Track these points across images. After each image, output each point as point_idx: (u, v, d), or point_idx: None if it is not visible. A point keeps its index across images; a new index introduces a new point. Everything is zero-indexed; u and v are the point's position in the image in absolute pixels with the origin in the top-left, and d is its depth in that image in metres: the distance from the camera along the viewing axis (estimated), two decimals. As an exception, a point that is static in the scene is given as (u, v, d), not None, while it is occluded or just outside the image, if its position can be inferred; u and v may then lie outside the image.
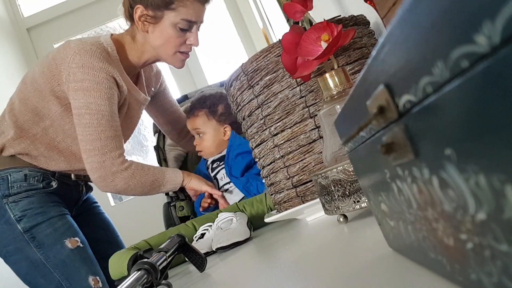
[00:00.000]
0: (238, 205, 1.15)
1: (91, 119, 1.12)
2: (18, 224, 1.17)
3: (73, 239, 1.21)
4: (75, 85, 1.12)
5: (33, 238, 1.18)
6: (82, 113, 1.13)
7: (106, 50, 1.18)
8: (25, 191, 1.20)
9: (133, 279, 0.52)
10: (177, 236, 0.74)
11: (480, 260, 0.17)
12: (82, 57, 1.12)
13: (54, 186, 1.25)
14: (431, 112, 0.17)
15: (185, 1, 1.16)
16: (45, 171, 1.24)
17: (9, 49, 2.56)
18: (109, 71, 1.14)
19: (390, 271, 0.31)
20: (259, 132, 0.84)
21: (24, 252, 1.18)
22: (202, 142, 1.41)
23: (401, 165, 0.23)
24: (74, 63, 1.12)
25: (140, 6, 1.17)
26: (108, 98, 1.13)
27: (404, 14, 0.17)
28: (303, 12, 0.69)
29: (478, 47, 0.13)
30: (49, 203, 1.22)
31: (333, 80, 0.63)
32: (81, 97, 1.12)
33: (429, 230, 0.22)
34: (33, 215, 1.19)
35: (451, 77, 0.15)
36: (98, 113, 1.12)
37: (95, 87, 1.12)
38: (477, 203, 0.16)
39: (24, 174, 1.21)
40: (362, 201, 0.55)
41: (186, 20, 1.18)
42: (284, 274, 0.46)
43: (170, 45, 1.21)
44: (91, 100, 1.12)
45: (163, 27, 1.19)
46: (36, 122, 1.20)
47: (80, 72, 1.11)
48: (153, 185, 1.24)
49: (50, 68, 1.15)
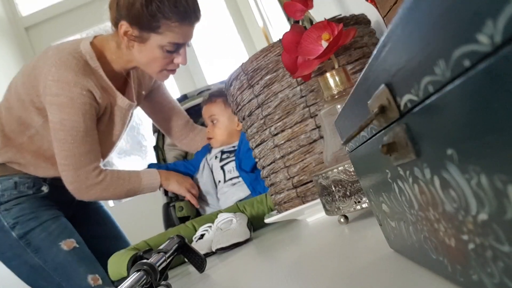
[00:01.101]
0: (238, 205, 1.15)
1: (65, 135, 1.13)
2: (12, 231, 1.19)
3: (68, 241, 1.22)
4: (51, 99, 1.12)
5: (29, 244, 1.19)
6: (57, 128, 1.13)
7: (84, 59, 1.15)
8: (16, 198, 1.21)
9: (132, 280, 0.52)
10: (176, 236, 0.74)
11: (482, 261, 0.17)
12: (58, 70, 1.11)
13: (45, 191, 1.26)
14: (433, 111, 0.17)
15: (172, 27, 1.12)
16: (35, 177, 1.25)
17: (7, 49, 2.56)
18: (84, 85, 1.12)
19: (391, 272, 0.31)
20: (259, 132, 0.84)
21: (22, 258, 1.20)
22: (215, 128, 1.41)
23: (403, 165, 0.23)
24: (50, 75, 1.11)
25: (124, 23, 1.12)
26: (82, 114, 1.13)
27: (406, 13, 0.17)
28: (303, 11, 0.69)
29: (480, 46, 0.13)
30: (41, 208, 1.23)
31: (334, 80, 0.63)
32: (56, 112, 1.12)
33: (431, 230, 0.22)
34: (26, 221, 1.20)
35: (452, 77, 0.15)
36: (72, 129, 1.13)
37: (69, 103, 1.11)
38: (478, 203, 0.16)
39: (14, 182, 1.22)
40: (363, 201, 0.55)
41: (173, 43, 1.15)
42: (284, 275, 0.46)
43: (156, 64, 1.19)
44: (65, 117, 1.12)
45: (149, 48, 1.15)
46: (22, 131, 1.20)
47: (55, 86, 1.10)
48: (129, 192, 1.27)
49: (29, 78, 1.15)
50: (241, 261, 0.71)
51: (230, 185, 1.37)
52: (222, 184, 1.38)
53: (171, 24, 1.11)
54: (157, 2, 1.08)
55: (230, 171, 1.39)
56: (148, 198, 2.50)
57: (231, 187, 1.36)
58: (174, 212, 1.45)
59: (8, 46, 2.59)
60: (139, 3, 1.08)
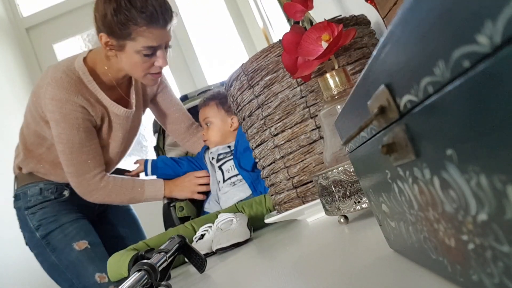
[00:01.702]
0: (237, 206, 1.15)
1: (63, 147, 1.25)
2: (36, 232, 1.37)
3: (81, 242, 1.35)
4: (49, 115, 1.24)
5: (49, 244, 1.36)
6: (56, 141, 1.26)
7: (76, 75, 1.24)
8: (40, 203, 1.38)
9: (132, 280, 0.52)
10: (177, 236, 0.74)
11: (482, 261, 0.17)
12: (53, 89, 1.21)
13: (66, 195, 1.41)
14: (432, 112, 0.17)
15: (142, 32, 1.17)
16: (58, 183, 1.40)
17: (8, 49, 2.57)
18: (75, 102, 1.22)
19: (391, 272, 0.31)
20: (259, 132, 0.84)
21: (43, 255, 1.37)
22: (209, 131, 1.45)
23: (402, 166, 0.23)
24: (47, 94, 1.22)
25: (103, 35, 1.19)
26: (76, 128, 1.24)
27: (405, 14, 0.17)
28: (303, 11, 0.69)
29: (480, 47, 0.13)
30: (61, 212, 1.38)
31: (334, 80, 0.63)
32: (54, 127, 1.24)
33: (430, 231, 0.22)
34: (47, 223, 1.36)
35: (452, 77, 0.15)
36: (68, 142, 1.25)
37: (62, 119, 1.22)
38: (478, 203, 0.16)
39: (40, 188, 1.38)
40: (362, 201, 0.55)
41: (148, 47, 1.19)
42: (284, 275, 0.46)
43: (138, 69, 1.24)
44: (60, 131, 1.24)
45: (128, 54, 1.21)
46: (40, 143, 1.35)
47: (50, 104, 1.22)
48: (132, 200, 1.38)
49: (35, 96, 1.28)
50: (241, 261, 0.71)
51: (230, 185, 1.37)
52: (222, 184, 1.39)
53: (140, 29, 1.16)
54: (124, 10, 1.14)
55: (228, 170, 1.40)
56: (148, 199, 2.50)
57: (231, 187, 1.37)
58: (174, 212, 1.45)
59: (9, 47, 2.59)
60: (110, 14, 1.15)
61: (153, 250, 0.83)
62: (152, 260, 0.60)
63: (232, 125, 1.44)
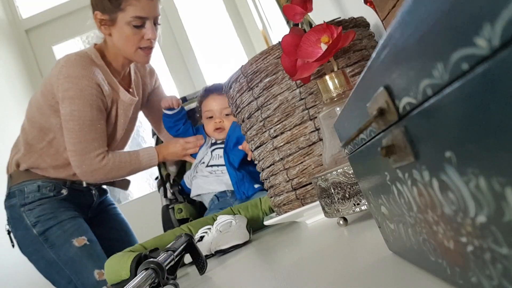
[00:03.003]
0: (232, 209, 1.15)
1: (74, 124, 1.28)
2: (33, 229, 1.35)
3: (80, 238, 1.35)
4: (62, 95, 1.26)
5: (46, 240, 1.34)
6: (67, 119, 1.28)
7: (90, 57, 1.31)
8: (38, 200, 1.37)
9: (140, 278, 0.52)
10: (185, 235, 0.74)
11: (481, 263, 0.17)
12: (68, 69, 1.26)
13: (64, 193, 1.41)
14: (431, 114, 0.17)
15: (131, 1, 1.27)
16: (57, 181, 1.40)
17: (7, 51, 2.56)
18: (91, 78, 1.27)
19: (390, 274, 0.31)
20: (258, 134, 0.84)
21: (40, 252, 1.35)
22: (226, 121, 1.45)
23: (401, 168, 0.23)
24: (61, 75, 1.26)
25: (98, 12, 1.30)
26: (90, 105, 1.27)
27: (404, 16, 0.17)
28: (302, 14, 0.69)
29: (478, 49, 0.13)
30: (60, 209, 1.38)
31: (333, 82, 0.63)
32: (66, 105, 1.27)
33: (429, 233, 0.22)
34: (46, 220, 1.35)
35: (451, 80, 0.15)
36: (80, 119, 1.27)
37: (78, 94, 1.25)
38: (477, 206, 0.16)
39: (38, 185, 1.38)
40: (362, 203, 0.55)
41: (137, 17, 1.28)
42: (284, 277, 0.46)
43: (129, 43, 1.31)
44: (74, 108, 1.26)
45: (119, 27, 1.30)
46: (41, 137, 1.36)
47: (66, 82, 1.26)
48: (131, 173, 1.42)
49: (45, 85, 1.31)
50: (240, 263, 0.71)
51: (210, 172, 1.39)
52: (203, 167, 1.40)
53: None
54: None
55: (216, 157, 1.42)
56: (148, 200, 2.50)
57: (209, 174, 1.39)
58: (173, 214, 1.45)
59: (9, 48, 2.59)
60: None
61: (157, 250, 0.82)
62: (159, 259, 0.60)
63: None
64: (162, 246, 0.94)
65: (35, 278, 1.48)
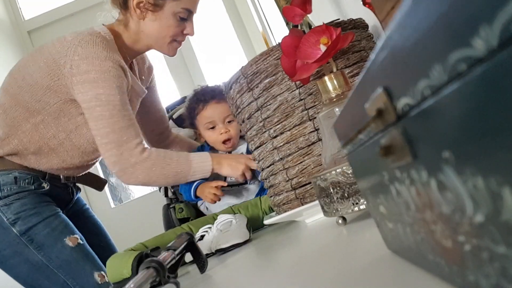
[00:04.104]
0: (233, 208, 1.15)
1: (102, 111, 1.07)
2: (13, 228, 1.13)
3: (72, 237, 1.17)
4: (81, 78, 1.07)
5: (31, 240, 1.13)
6: (92, 106, 1.08)
7: (105, 38, 1.13)
8: (16, 193, 1.15)
9: (142, 277, 0.52)
10: (185, 234, 0.74)
11: (478, 262, 0.17)
12: (84, 48, 1.08)
13: (46, 187, 1.20)
14: (429, 115, 0.17)
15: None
16: (35, 173, 1.19)
17: (10, 52, 2.56)
18: (115, 59, 1.10)
19: (388, 272, 0.31)
20: (258, 134, 0.84)
21: (23, 255, 1.13)
22: (232, 129, 1.32)
23: (400, 168, 0.23)
24: (76, 55, 1.07)
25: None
26: (117, 87, 1.09)
27: (402, 18, 0.17)
28: (302, 15, 0.69)
29: (476, 51, 0.13)
30: (42, 203, 1.17)
31: (332, 83, 0.63)
32: (88, 89, 1.07)
33: (427, 232, 0.23)
34: (27, 216, 1.14)
35: (448, 81, 0.15)
36: (109, 103, 1.08)
37: (102, 77, 1.07)
38: (474, 205, 0.16)
39: (14, 177, 1.16)
40: (360, 203, 0.56)
41: (186, 10, 1.17)
42: (283, 276, 0.46)
43: (168, 34, 1.19)
44: (99, 91, 1.07)
45: (163, 16, 1.16)
46: (26, 118, 1.14)
47: (84, 63, 1.07)
48: (178, 176, 1.16)
49: (47, 63, 1.10)
50: (240, 262, 0.71)
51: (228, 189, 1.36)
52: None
53: None
54: None
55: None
56: (148, 200, 2.50)
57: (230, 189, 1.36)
58: (174, 213, 1.45)
59: (11, 49, 2.59)
60: None
61: (158, 249, 0.83)
62: (160, 258, 0.60)
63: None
64: (163, 245, 0.94)
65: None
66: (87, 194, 2.45)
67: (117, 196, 2.64)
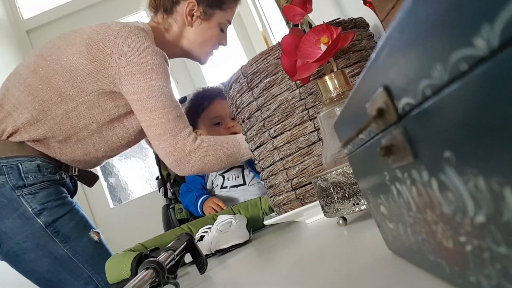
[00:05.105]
0: (232, 209, 1.15)
1: (155, 102, 1.09)
2: (38, 218, 1.07)
3: (95, 231, 1.16)
4: (131, 69, 1.07)
5: (57, 233, 1.09)
6: (144, 97, 1.08)
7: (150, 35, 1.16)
8: (42, 182, 1.10)
9: (141, 277, 0.52)
10: (185, 234, 0.74)
11: (479, 262, 0.17)
12: (135, 40, 1.08)
13: (65, 178, 1.17)
14: (430, 114, 0.17)
15: (232, 4, 1.23)
16: (54, 163, 1.15)
17: (8, 51, 2.57)
18: (163, 55, 1.13)
19: (389, 273, 0.31)
20: (258, 134, 0.84)
21: (46, 248, 1.09)
22: (237, 125, 1.39)
23: (400, 168, 0.23)
24: (126, 46, 1.07)
25: (193, 1, 1.20)
26: (167, 80, 1.12)
27: (403, 17, 0.17)
28: (302, 14, 0.69)
29: (477, 50, 0.13)
30: (64, 195, 1.15)
31: (333, 83, 0.63)
32: (140, 80, 1.07)
33: (428, 232, 0.22)
34: (54, 207, 1.10)
35: (450, 80, 0.15)
36: (162, 95, 1.09)
37: (154, 69, 1.08)
38: (476, 205, 0.16)
39: (37, 165, 1.10)
40: (361, 203, 0.55)
41: (228, 22, 1.24)
42: (283, 277, 0.46)
43: (210, 43, 1.25)
44: (152, 83, 1.08)
45: (210, 25, 1.23)
46: (57, 103, 1.09)
47: (135, 55, 1.07)
48: (230, 158, 1.17)
49: (89, 49, 1.08)
50: (240, 263, 0.71)
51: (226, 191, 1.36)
52: (219, 189, 1.38)
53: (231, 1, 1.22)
54: None
55: (230, 178, 1.38)
56: (148, 200, 2.51)
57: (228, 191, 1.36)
58: (173, 213, 1.45)
59: (10, 49, 2.59)
60: None
61: (158, 250, 0.83)
62: (160, 258, 0.60)
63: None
64: (163, 246, 0.94)
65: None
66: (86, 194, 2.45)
67: (116, 196, 2.64)
